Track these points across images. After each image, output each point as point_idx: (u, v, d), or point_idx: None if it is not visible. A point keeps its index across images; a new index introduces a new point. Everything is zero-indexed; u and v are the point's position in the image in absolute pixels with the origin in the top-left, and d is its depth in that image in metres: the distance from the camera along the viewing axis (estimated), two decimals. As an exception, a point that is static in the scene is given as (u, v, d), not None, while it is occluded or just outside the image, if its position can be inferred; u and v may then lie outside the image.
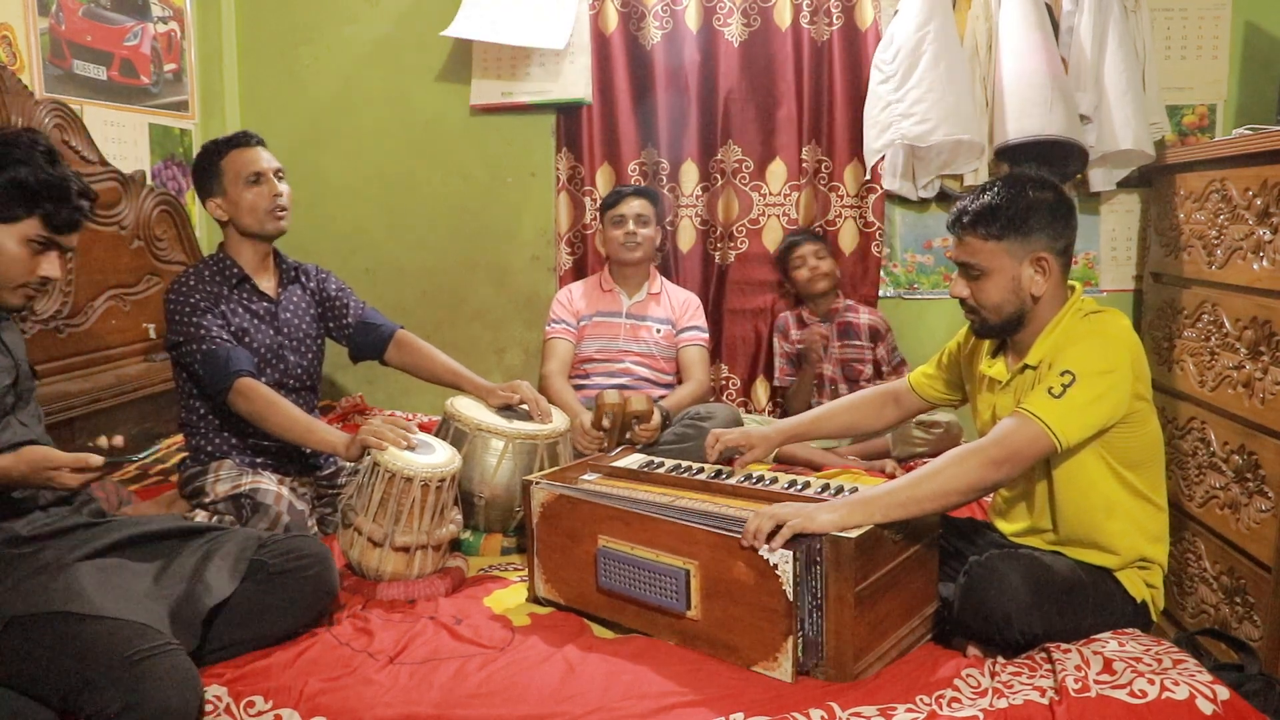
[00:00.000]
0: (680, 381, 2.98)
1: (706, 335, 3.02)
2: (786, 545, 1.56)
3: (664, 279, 3.08)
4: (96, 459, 1.60)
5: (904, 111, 2.84)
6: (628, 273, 2.99)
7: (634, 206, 2.91)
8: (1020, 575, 1.62)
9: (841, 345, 2.98)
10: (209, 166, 2.23)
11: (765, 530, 1.57)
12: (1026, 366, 1.77)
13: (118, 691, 1.38)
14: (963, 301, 1.81)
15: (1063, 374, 1.63)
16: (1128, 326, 1.74)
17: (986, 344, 1.90)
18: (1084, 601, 1.68)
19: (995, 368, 1.85)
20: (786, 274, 3.08)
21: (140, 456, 1.68)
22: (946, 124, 2.81)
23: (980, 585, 1.63)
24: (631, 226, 2.91)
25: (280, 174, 2.26)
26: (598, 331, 2.97)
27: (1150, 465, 1.76)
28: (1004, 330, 1.81)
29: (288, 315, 2.32)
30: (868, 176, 3.08)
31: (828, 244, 3.06)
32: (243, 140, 2.24)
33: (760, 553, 1.57)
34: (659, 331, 2.98)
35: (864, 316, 2.99)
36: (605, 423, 2.54)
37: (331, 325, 2.43)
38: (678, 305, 3.02)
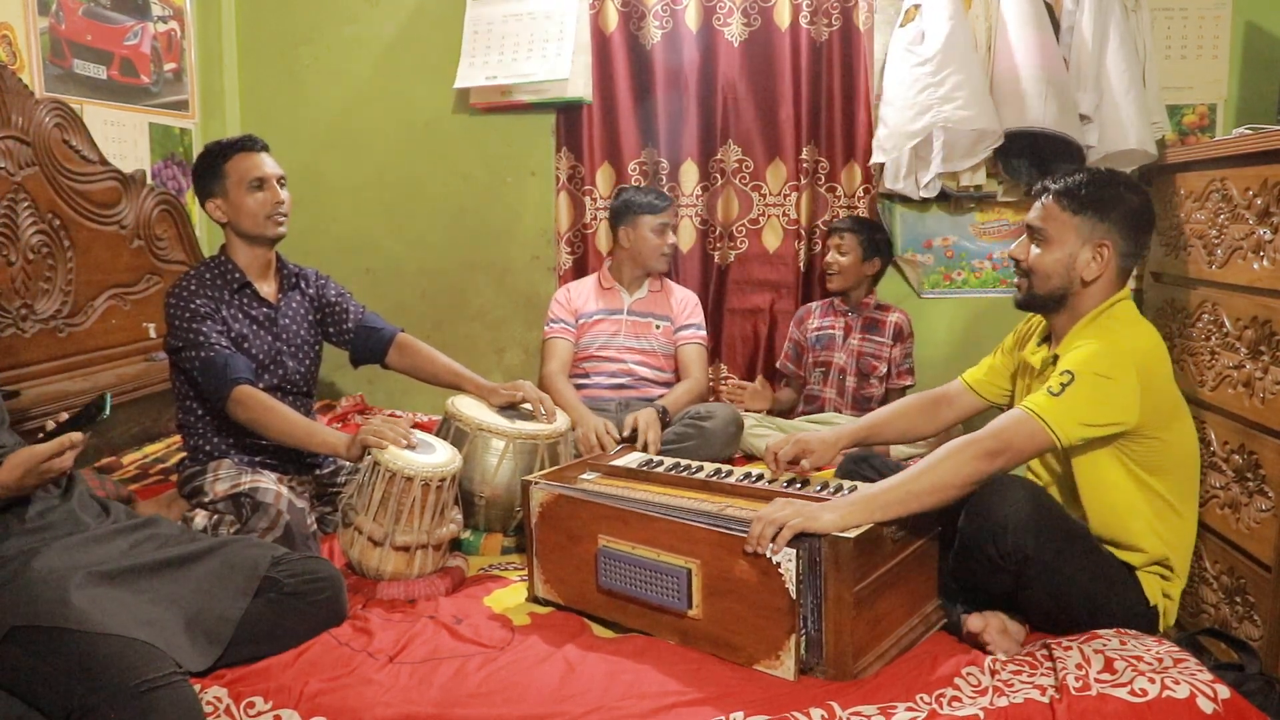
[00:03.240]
0: (679, 380, 2.98)
1: (705, 334, 3.02)
2: (790, 543, 1.56)
3: (664, 277, 3.08)
4: (76, 435, 1.60)
5: (945, 95, 2.79)
6: (632, 271, 2.99)
7: (670, 216, 2.96)
8: (1026, 492, 1.64)
9: (863, 339, 2.98)
10: (212, 168, 2.22)
11: (769, 536, 1.57)
12: (1057, 357, 1.79)
13: None
14: (1017, 265, 1.85)
15: (1063, 373, 1.66)
16: (1146, 346, 1.74)
17: (1038, 330, 1.93)
18: (1087, 556, 1.68)
19: (1037, 355, 1.88)
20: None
21: (103, 409, 1.65)
22: (983, 113, 2.79)
23: (986, 492, 1.64)
24: (672, 238, 2.96)
25: (282, 180, 2.25)
26: (599, 329, 2.97)
27: (1175, 472, 1.76)
28: (1044, 304, 1.84)
29: (286, 321, 2.32)
30: (868, 182, 3.08)
31: (866, 241, 2.94)
32: (248, 144, 2.23)
33: (763, 552, 1.57)
34: (659, 329, 2.98)
35: (893, 315, 2.99)
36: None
37: (331, 330, 2.42)
38: (677, 303, 3.02)
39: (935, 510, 1.69)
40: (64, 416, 1.67)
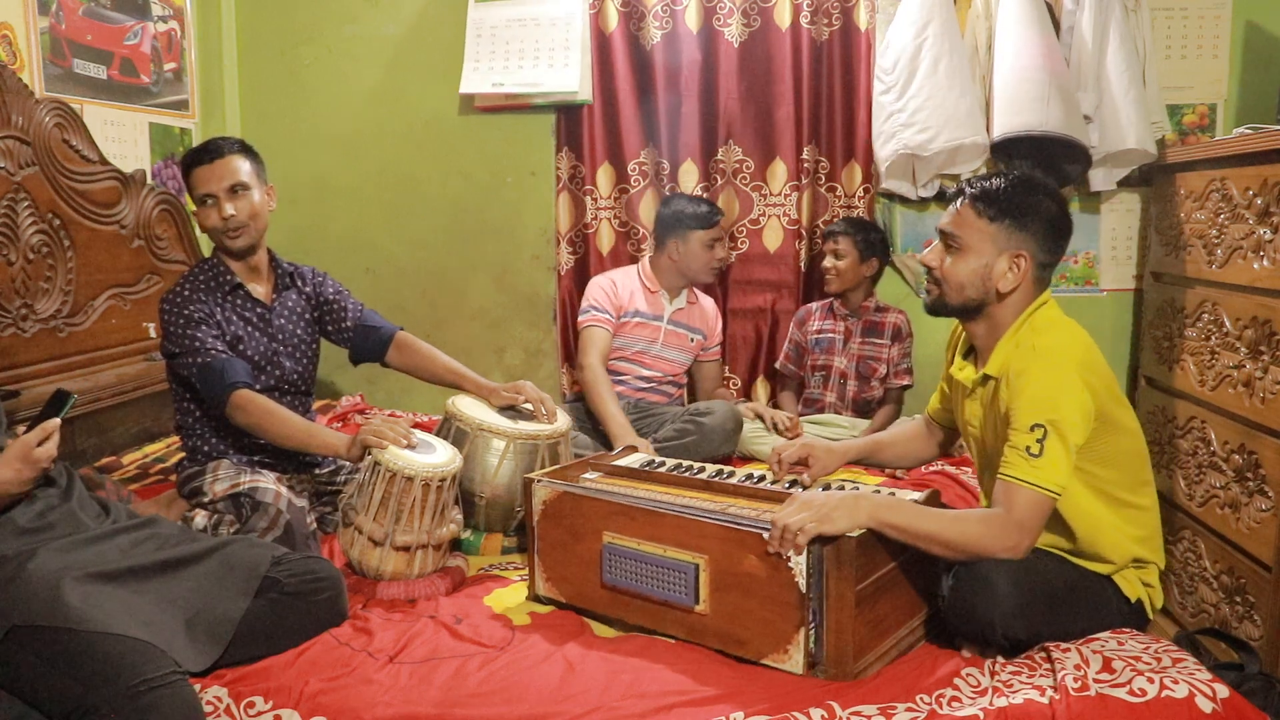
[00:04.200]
0: (688, 385, 3.07)
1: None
2: None
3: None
4: (52, 422, 1.63)
5: (905, 121, 2.86)
6: (676, 280, 2.98)
7: (722, 229, 2.94)
8: (1007, 580, 1.60)
9: (862, 343, 2.97)
10: (185, 179, 2.23)
11: (790, 541, 1.56)
12: (988, 377, 1.76)
13: None
14: (930, 271, 1.80)
15: (1033, 429, 1.61)
16: (1076, 345, 1.70)
17: (960, 343, 1.90)
18: (1075, 606, 1.67)
19: (964, 371, 1.83)
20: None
21: (68, 396, 1.71)
22: (947, 130, 2.82)
23: (966, 589, 1.62)
24: (722, 251, 2.95)
25: (238, 188, 2.18)
26: (639, 332, 2.96)
27: (1125, 466, 1.74)
28: (957, 313, 1.80)
29: (282, 321, 2.32)
30: (868, 183, 3.09)
31: (862, 242, 2.92)
32: (200, 156, 2.19)
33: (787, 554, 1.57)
34: (693, 341, 3.01)
35: (892, 315, 2.98)
36: None
37: (330, 328, 2.42)
38: (710, 316, 3.07)
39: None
40: (21, 430, 1.68)
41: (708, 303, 3.09)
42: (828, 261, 2.95)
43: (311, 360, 2.39)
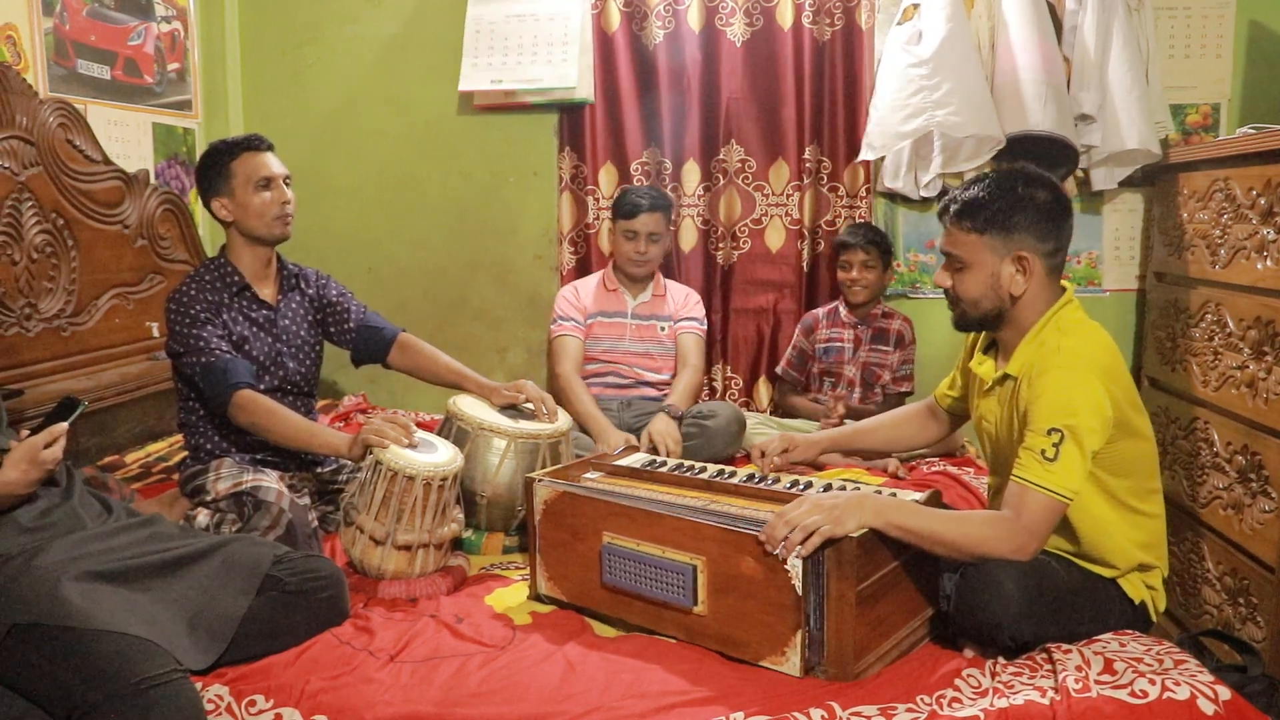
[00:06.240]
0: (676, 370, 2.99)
1: (704, 326, 3.03)
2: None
3: (665, 279, 3.08)
4: (60, 425, 1.65)
5: (939, 100, 2.76)
6: (624, 275, 2.99)
7: (649, 224, 2.88)
8: (1015, 582, 1.59)
9: (870, 349, 2.96)
10: (218, 166, 2.22)
11: (796, 540, 1.55)
12: (1007, 376, 1.75)
13: (121, 719, 1.39)
14: (946, 292, 1.81)
15: (1050, 433, 1.60)
16: (1099, 349, 1.69)
17: (981, 339, 1.89)
18: (1080, 608, 1.67)
19: (984, 366, 1.83)
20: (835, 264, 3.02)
21: (78, 403, 1.73)
22: (976, 119, 2.78)
23: (973, 590, 1.61)
24: (643, 246, 2.89)
25: (288, 180, 2.26)
26: (602, 332, 2.96)
27: (1137, 473, 1.73)
28: (983, 325, 1.80)
29: (286, 322, 2.32)
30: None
31: (885, 250, 2.94)
32: (255, 143, 2.23)
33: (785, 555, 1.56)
34: (663, 330, 2.98)
35: (896, 322, 2.97)
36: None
37: (333, 330, 2.43)
38: (679, 300, 3.03)
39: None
40: (25, 433, 1.68)
41: (679, 289, 3.06)
42: (855, 273, 2.91)
43: (315, 362, 2.40)
